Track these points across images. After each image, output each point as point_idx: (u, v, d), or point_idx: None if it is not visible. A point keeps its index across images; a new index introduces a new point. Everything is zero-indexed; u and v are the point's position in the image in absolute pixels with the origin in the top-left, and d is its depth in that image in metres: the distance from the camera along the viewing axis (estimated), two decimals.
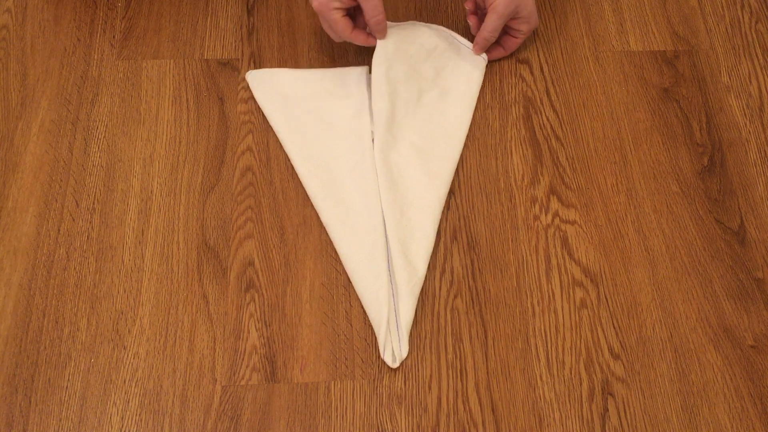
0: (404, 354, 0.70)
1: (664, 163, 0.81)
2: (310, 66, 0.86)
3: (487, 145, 0.82)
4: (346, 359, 0.70)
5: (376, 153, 0.78)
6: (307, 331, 0.71)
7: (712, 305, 0.73)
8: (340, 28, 0.78)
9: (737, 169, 0.81)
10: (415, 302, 0.72)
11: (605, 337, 0.72)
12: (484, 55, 0.85)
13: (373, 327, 0.70)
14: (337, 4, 0.77)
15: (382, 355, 0.69)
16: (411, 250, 0.74)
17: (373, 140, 0.79)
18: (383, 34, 0.80)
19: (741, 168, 0.81)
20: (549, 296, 0.73)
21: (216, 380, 0.69)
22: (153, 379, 0.69)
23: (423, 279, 0.73)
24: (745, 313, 0.73)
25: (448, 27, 0.87)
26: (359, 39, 0.80)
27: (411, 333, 0.71)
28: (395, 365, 0.69)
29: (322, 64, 0.86)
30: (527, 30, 0.84)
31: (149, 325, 0.71)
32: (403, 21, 0.85)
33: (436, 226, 0.76)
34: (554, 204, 0.78)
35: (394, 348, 0.69)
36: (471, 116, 0.83)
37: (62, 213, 0.76)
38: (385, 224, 0.74)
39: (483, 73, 0.85)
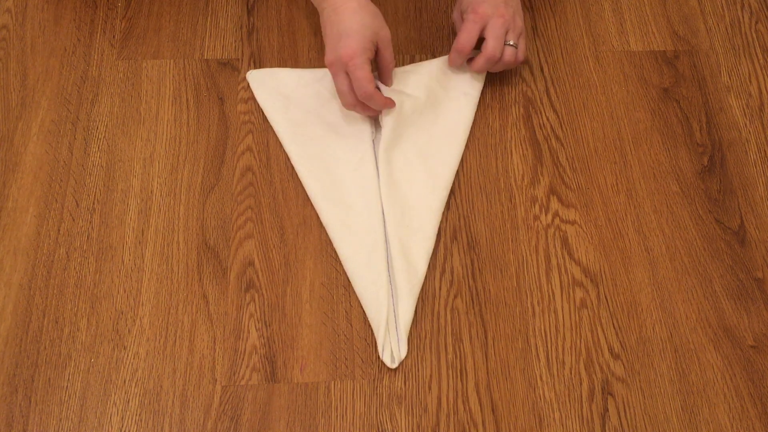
0: (403, 354, 0.70)
1: (664, 163, 0.81)
2: (310, 66, 0.86)
3: (487, 145, 0.82)
4: (346, 359, 0.70)
5: (380, 152, 0.78)
6: (307, 331, 0.71)
7: (712, 305, 0.73)
8: (366, 83, 0.73)
9: (737, 169, 0.81)
10: (415, 303, 0.71)
11: (605, 337, 0.72)
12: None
13: (372, 327, 0.70)
14: (369, 55, 0.73)
15: (380, 356, 0.69)
16: (411, 251, 0.74)
17: (373, 141, 0.80)
18: (391, 81, 0.80)
19: (741, 168, 0.81)
20: (549, 296, 0.73)
21: (216, 380, 0.69)
22: (153, 379, 0.69)
23: (423, 279, 0.73)
24: (745, 313, 0.73)
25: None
26: (379, 100, 0.75)
27: (411, 333, 0.71)
28: (394, 366, 0.69)
29: (322, 64, 0.85)
30: (483, 13, 0.78)
31: (149, 325, 0.71)
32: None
33: (437, 227, 0.76)
34: (554, 204, 0.78)
35: (392, 348, 0.69)
36: (472, 118, 0.82)
37: (62, 213, 0.76)
38: (385, 224, 0.74)
39: (484, 76, 0.85)
